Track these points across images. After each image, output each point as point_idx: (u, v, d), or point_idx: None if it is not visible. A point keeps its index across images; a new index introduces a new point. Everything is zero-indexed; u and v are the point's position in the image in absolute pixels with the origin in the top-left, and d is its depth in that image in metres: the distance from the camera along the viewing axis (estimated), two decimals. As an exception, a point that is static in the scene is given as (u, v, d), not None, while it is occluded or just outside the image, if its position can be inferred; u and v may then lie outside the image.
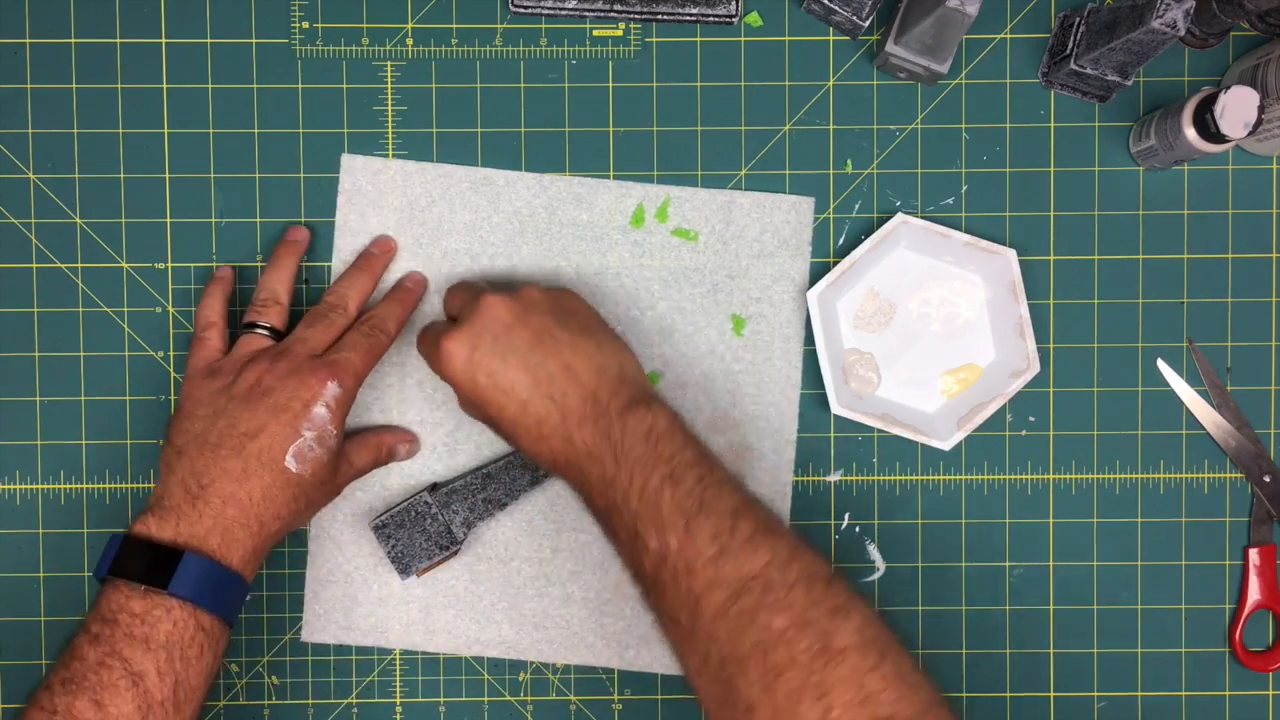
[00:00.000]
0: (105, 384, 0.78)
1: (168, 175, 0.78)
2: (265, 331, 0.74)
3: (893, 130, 0.78)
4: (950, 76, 0.78)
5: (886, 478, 0.79)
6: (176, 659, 0.64)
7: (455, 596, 0.78)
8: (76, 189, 0.78)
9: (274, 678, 0.79)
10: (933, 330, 0.78)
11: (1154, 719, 0.79)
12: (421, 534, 0.76)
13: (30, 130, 0.78)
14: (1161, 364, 0.79)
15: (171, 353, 0.78)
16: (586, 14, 0.77)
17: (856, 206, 0.78)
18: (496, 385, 0.67)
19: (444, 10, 0.78)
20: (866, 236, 0.77)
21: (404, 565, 0.76)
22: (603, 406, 0.66)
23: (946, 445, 0.77)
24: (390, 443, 0.76)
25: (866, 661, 0.57)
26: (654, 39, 0.78)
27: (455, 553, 0.76)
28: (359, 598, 0.78)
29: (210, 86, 0.78)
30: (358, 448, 0.74)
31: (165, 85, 0.78)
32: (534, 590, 0.78)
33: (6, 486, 0.78)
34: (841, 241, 0.78)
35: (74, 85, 0.78)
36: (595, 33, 0.78)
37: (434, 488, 0.76)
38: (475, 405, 0.69)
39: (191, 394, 0.71)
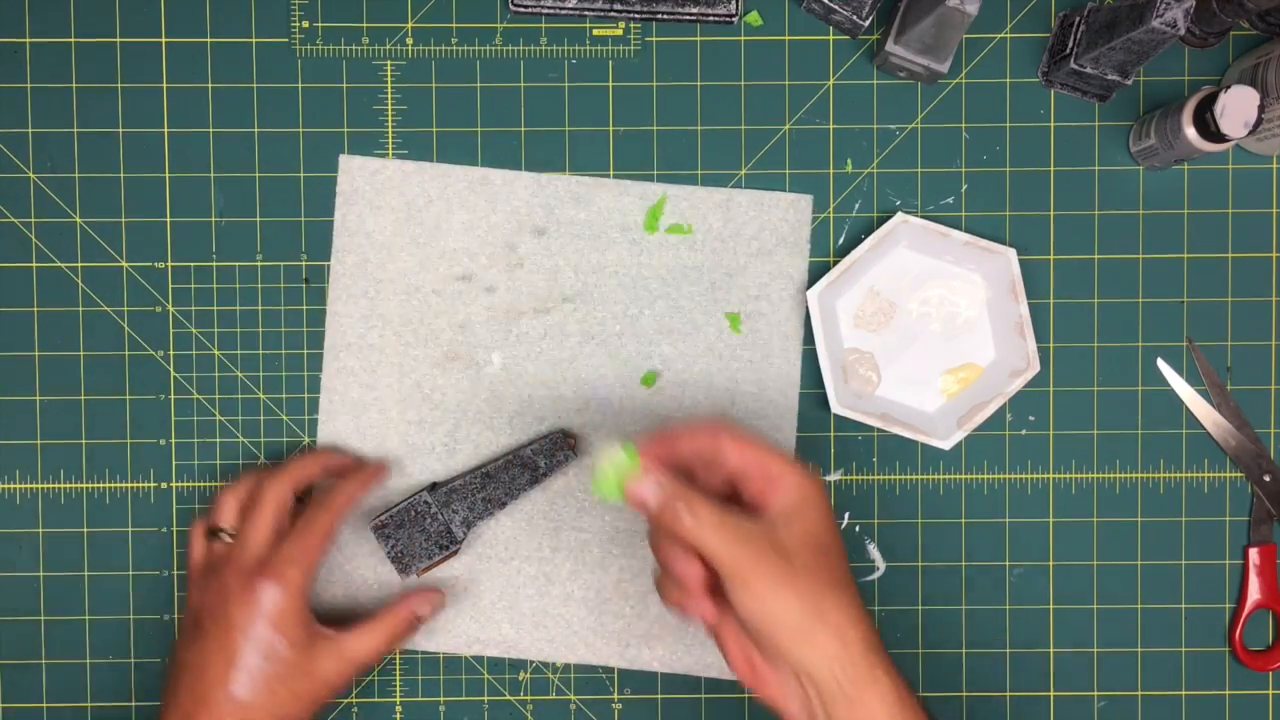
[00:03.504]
0: (105, 384, 0.78)
1: (168, 175, 0.78)
2: (228, 536, 0.72)
3: (893, 130, 0.78)
4: (950, 76, 0.78)
5: (886, 477, 0.79)
6: None
7: (455, 596, 0.78)
8: (76, 189, 0.78)
9: (274, 677, 0.79)
10: (932, 330, 0.78)
11: (1154, 719, 0.79)
12: (421, 533, 0.76)
13: (30, 130, 0.78)
14: (1161, 364, 0.79)
15: (171, 352, 0.78)
16: (586, 13, 0.77)
17: (856, 206, 0.78)
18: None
19: (444, 10, 0.78)
20: (866, 236, 0.77)
21: (404, 565, 0.76)
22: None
23: (946, 445, 0.77)
24: (406, 616, 0.74)
25: None
26: (654, 38, 0.78)
27: (455, 552, 0.76)
28: (359, 598, 0.78)
29: (210, 86, 0.78)
30: (363, 636, 0.72)
31: (165, 85, 0.78)
32: (534, 589, 0.78)
33: (6, 486, 0.78)
34: (841, 241, 0.78)
35: (74, 85, 0.78)
36: (595, 32, 0.78)
37: (433, 487, 0.76)
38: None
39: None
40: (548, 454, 0.77)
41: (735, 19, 0.77)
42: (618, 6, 0.77)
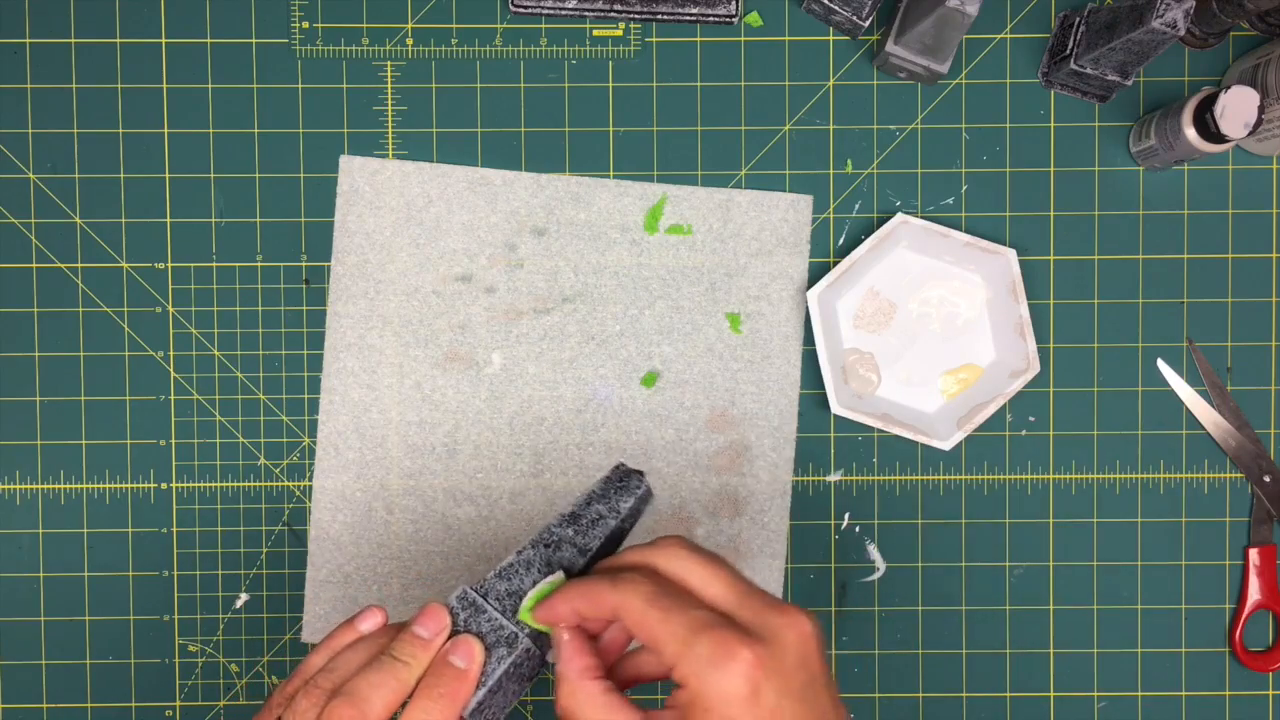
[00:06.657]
0: (105, 384, 0.78)
1: (168, 175, 0.78)
2: None
3: (893, 130, 0.78)
4: (950, 76, 0.78)
5: (886, 478, 0.79)
6: None
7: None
8: (76, 189, 0.78)
9: (274, 678, 0.79)
10: (933, 330, 0.78)
11: (1154, 719, 0.79)
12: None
13: (30, 130, 0.78)
14: (1161, 364, 0.79)
15: (171, 353, 0.78)
16: (586, 14, 0.77)
17: (856, 206, 0.78)
18: None
19: (444, 10, 0.78)
20: (866, 236, 0.77)
21: None
22: None
23: (946, 445, 0.77)
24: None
25: None
26: (654, 39, 0.78)
27: (530, 653, 0.54)
28: (359, 598, 0.78)
29: (210, 86, 0.78)
30: None
31: (165, 85, 0.78)
32: (534, 590, 0.78)
33: (6, 486, 0.78)
34: (841, 241, 0.78)
35: (74, 85, 0.78)
36: (595, 33, 0.78)
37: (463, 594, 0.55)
38: None
39: None
40: (604, 497, 0.56)
41: (735, 19, 0.77)
42: (618, 7, 0.77)
